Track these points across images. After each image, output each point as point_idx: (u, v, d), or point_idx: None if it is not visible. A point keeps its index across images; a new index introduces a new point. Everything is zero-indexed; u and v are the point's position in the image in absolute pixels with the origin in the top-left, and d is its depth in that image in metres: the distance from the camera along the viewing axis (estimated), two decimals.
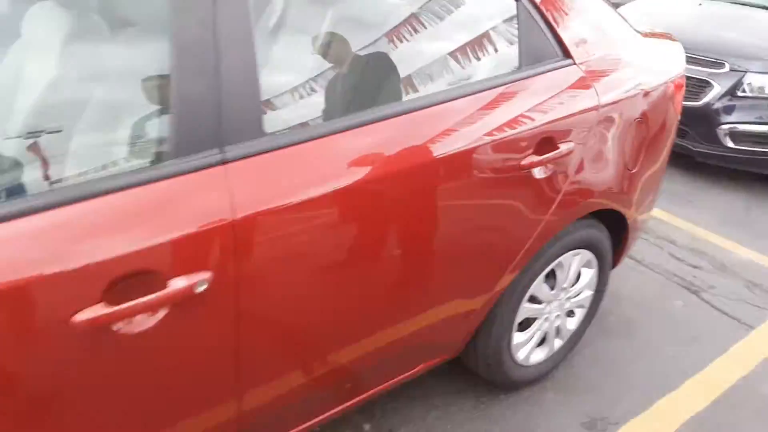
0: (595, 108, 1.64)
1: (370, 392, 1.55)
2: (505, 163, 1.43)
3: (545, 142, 1.51)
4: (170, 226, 0.98)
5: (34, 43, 1.04)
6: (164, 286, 0.97)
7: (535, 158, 1.48)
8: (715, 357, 2.24)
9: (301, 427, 1.41)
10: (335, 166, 1.17)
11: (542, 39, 1.57)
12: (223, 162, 1.04)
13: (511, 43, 1.53)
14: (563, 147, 1.55)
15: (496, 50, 1.53)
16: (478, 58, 1.50)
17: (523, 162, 1.47)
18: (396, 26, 1.41)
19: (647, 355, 2.22)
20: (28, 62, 1.02)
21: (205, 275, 1.01)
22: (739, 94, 3.48)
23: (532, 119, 1.48)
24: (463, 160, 1.35)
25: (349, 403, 1.51)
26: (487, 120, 1.40)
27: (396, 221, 1.30)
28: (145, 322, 0.98)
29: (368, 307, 1.37)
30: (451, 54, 1.46)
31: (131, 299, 0.94)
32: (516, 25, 1.53)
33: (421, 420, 1.86)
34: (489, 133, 1.38)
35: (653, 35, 2.08)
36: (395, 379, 1.61)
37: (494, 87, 1.45)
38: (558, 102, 1.55)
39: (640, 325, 2.38)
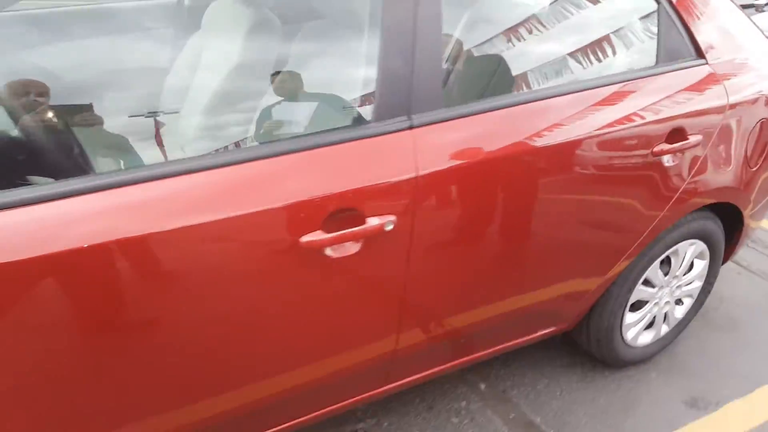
0: (724, 106, 1.75)
1: (498, 347, 1.74)
2: (639, 149, 1.58)
3: (676, 132, 1.64)
4: (370, 176, 1.21)
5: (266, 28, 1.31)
6: (363, 223, 1.21)
7: (667, 146, 1.62)
8: None
9: (441, 368, 1.63)
10: (493, 138, 1.37)
11: (679, 39, 1.70)
12: (411, 127, 1.27)
13: (651, 41, 1.68)
14: (693, 138, 1.67)
15: (637, 47, 1.68)
16: (621, 53, 1.65)
17: (655, 149, 1.61)
18: (550, 19, 1.59)
19: (749, 348, 2.27)
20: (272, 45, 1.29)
21: (392, 218, 1.24)
22: None
23: (667, 111, 1.61)
24: (604, 143, 1.51)
25: (481, 354, 1.71)
26: (627, 107, 1.55)
27: (539, 196, 1.48)
28: (347, 250, 1.22)
29: (505, 271, 1.56)
30: (601, 47, 1.63)
31: (340, 230, 1.18)
32: (656, 24, 1.67)
33: (531, 385, 2.03)
34: (629, 119, 1.54)
35: None
36: (518, 340, 1.79)
37: (635, 79, 1.60)
38: (690, 98, 1.68)
39: (744, 323, 2.43)
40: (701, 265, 2.07)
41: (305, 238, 1.15)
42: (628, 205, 1.67)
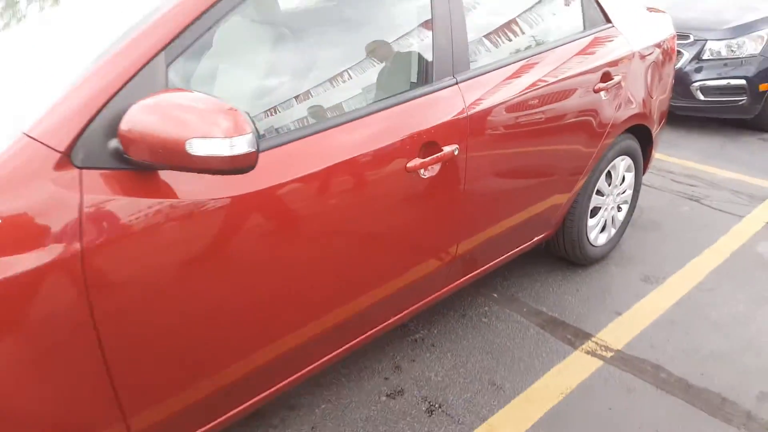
0: (631, 54, 2.46)
1: (512, 252, 2.31)
2: (582, 87, 2.23)
3: (606, 75, 2.32)
4: (440, 116, 1.73)
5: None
6: (440, 150, 1.72)
7: (602, 84, 2.29)
8: (721, 236, 3.06)
9: (476, 272, 2.16)
10: (505, 88, 1.94)
11: (595, 10, 2.39)
12: (456, 83, 1.81)
13: (578, 13, 2.35)
14: (616, 78, 2.36)
15: (564, 19, 2.34)
16: (562, 23, 2.30)
17: (595, 87, 2.27)
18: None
19: (672, 238, 3.03)
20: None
21: (456, 146, 1.76)
22: (703, 57, 4.41)
23: (599, 61, 2.28)
24: (554, 89, 2.12)
25: (500, 259, 2.26)
26: (576, 62, 2.20)
27: (533, 133, 2.07)
28: (433, 171, 1.72)
29: (520, 189, 2.14)
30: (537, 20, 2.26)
31: (429, 156, 1.69)
32: (580, 8, 2.34)
33: (530, 287, 2.62)
34: (578, 70, 2.18)
35: (654, 10, 2.92)
36: (524, 245, 2.37)
37: (574, 41, 2.25)
38: (610, 50, 2.37)
39: (663, 223, 3.20)
40: (630, 176, 2.79)
41: (409, 164, 1.65)
42: (583, 135, 2.31)
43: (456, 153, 1.76)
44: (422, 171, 1.69)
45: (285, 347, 1.57)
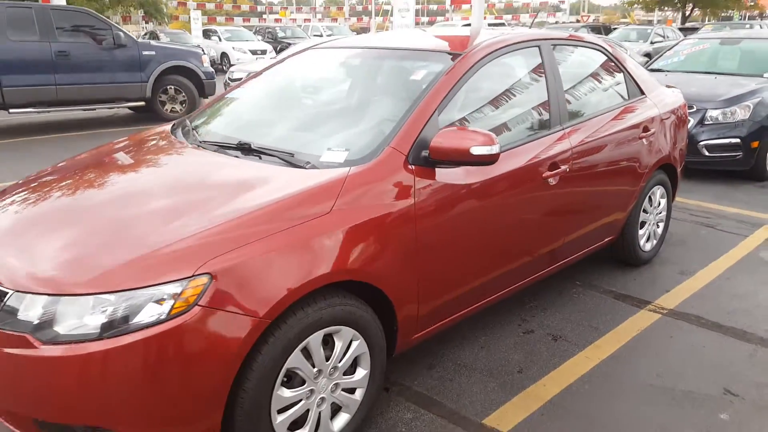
0: (659, 114, 3.67)
1: (591, 247, 3.39)
2: (634, 136, 3.41)
3: (646, 128, 3.52)
4: (559, 149, 2.87)
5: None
6: (559, 168, 2.86)
7: (645, 133, 3.48)
8: (732, 248, 4.15)
9: (573, 257, 3.24)
10: (589, 134, 3.10)
11: (634, 86, 3.62)
12: (562, 129, 2.98)
13: (622, 89, 3.57)
14: (653, 129, 3.55)
15: (617, 91, 3.56)
16: (611, 95, 3.52)
17: (639, 135, 3.45)
18: (582, 75, 3.40)
19: (697, 250, 4.12)
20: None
21: (567, 167, 2.90)
22: (706, 122, 5.67)
23: (641, 118, 3.49)
24: (619, 136, 3.30)
25: (585, 251, 3.35)
26: (630, 119, 3.40)
27: (610, 164, 3.22)
28: (555, 180, 2.85)
29: (595, 203, 3.25)
30: (605, 92, 3.47)
31: (554, 170, 2.83)
32: (625, 82, 3.58)
33: (602, 276, 3.68)
34: (632, 123, 3.38)
35: (670, 86, 4.18)
36: (599, 243, 3.46)
37: (623, 105, 3.47)
38: (647, 112, 3.58)
39: (688, 240, 4.30)
40: (664, 201, 3.93)
41: (545, 174, 2.79)
42: (633, 168, 3.47)
43: (567, 170, 2.90)
44: (550, 179, 2.83)
45: (500, 272, 2.68)
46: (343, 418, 2.18)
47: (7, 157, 7.26)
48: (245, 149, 2.47)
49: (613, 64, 3.56)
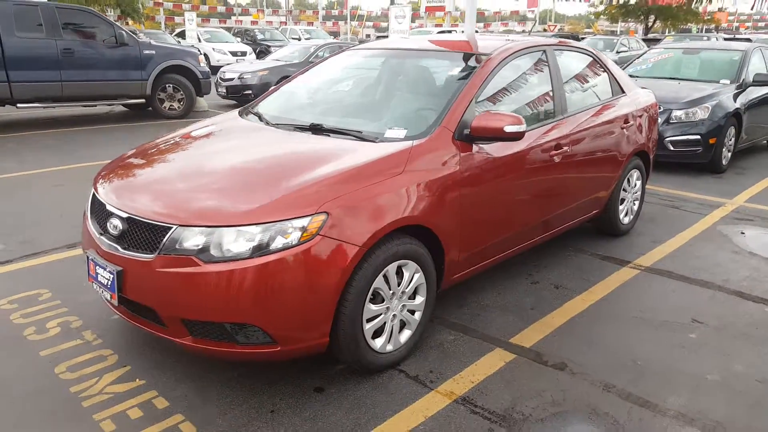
0: (637, 110, 4.42)
1: (579, 219, 4.10)
2: (617, 126, 4.14)
3: (626, 120, 4.26)
4: (562, 132, 3.57)
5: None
6: (562, 148, 3.57)
7: (625, 125, 4.22)
8: (695, 223, 4.95)
9: (568, 225, 3.95)
10: (583, 122, 3.81)
11: (616, 85, 4.37)
12: (564, 118, 3.68)
13: (608, 87, 4.31)
14: (632, 122, 4.30)
15: (603, 89, 4.30)
16: (599, 92, 4.25)
17: (621, 126, 4.19)
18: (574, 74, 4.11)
19: (666, 224, 4.89)
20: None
21: (567, 148, 3.61)
22: (671, 121, 6.50)
23: (622, 111, 4.22)
24: (605, 126, 4.02)
25: (574, 222, 4.06)
26: (613, 112, 4.13)
27: (598, 149, 3.94)
28: (559, 158, 3.55)
29: (585, 179, 3.96)
30: (594, 89, 4.20)
31: (558, 150, 3.53)
32: (609, 82, 4.32)
33: (590, 243, 4.40)
34: (614, 116, 4.11)
35: (643, 87, 4.94)
36: (585, 216, 4.16)
37: (609, 101, 4.20)
38: (627, 108, 4.32)
39: (658, 218, 5.07)
40: (639, 183, 4.68)
41: (551, 153, 3.48)
42: (615, 153, 4.19)
43: (567, 151, 3.61)
44: (555, 157, 3.53)
45: (515, 231, 3.35)
46: (406, 333, 2.81)
47: (19, 148, 7.66)
48: (318, 129, 3.09)
49: (599, 66, 4.30)
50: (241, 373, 2.68)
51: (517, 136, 2.90)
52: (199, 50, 11.26)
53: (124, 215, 2.50)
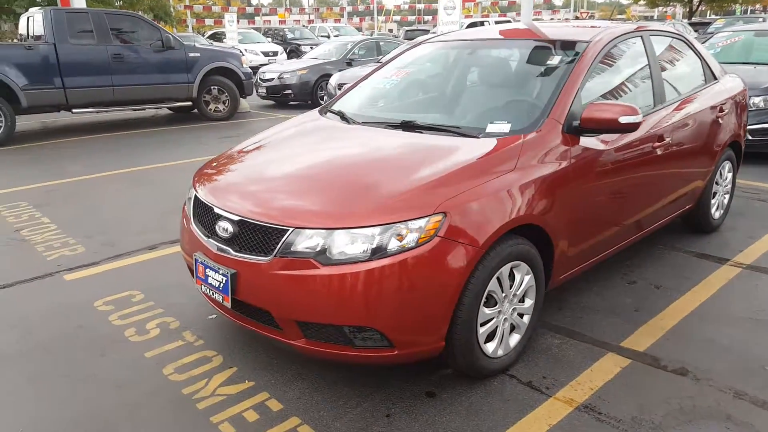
0: (729, 98, 4.19)
1: (675, 214, 3.90)
2: (714, 115, 3.93)
3: (721, 108, 4.03)
4: (661, 124, 3.39)
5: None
6: (664, 140, 3.39)
7: (720, 113, 4.00)
8: None
9: (663, 221, 3.76)
10: (683, 110, 3.61)
11: (709, 73, 4.14)
12: (663, 107, 3.50)
13: (700, 73, 4.09)
14: (726, 110, 4.07)
15: (697, 76, 4.08)
16: (694, 78, 4.04)
17: (717, 115, 3.97)
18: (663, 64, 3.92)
19: (757, 219, 4.64)
20: None
21: (669, 139, 3.42)
22: (749, 108, 6.18)
23: (716, 99, 4.00)
24: (703, 115, 3.81)
25: (674, 215, 3.87)
26: (709, 99, 3.91)
27: (696, 138, 3.74)
28: (661, 150, 3.38)
29: (683, 172, 3.77)
30: (690, 75, 3.99)
31: (660, 142, 3.35)
32: (702, 68, 4.10)
33: (683, 241, 4.20)
34: (710, 104, 3.90)
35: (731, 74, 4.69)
36: (680, 211, 3.96)
37: (705, 88, 3.98)
38: (721, 95, 4.10)
39: (746, 213, 4.82)
40: (730, 176, 4.44)
41: (654, 144, 3.30)
42: (712, 143, 3.98)
43: (669, 141, 3.42)
44: (658, 149, 3.35)
45: (617, 228, 3.20)
46: (515, 337, 2.70)
47: (79, 153, 7.82)
48: (409, 126, 2.99)
49: (692, 52, 4.08)
50: (345, 375, 2.62)
51: (632, 128, 2.75)
52: (241, 51, 11.31)
53: (236, 218, 2.45)
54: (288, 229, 2.29)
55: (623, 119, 2.70)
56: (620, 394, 2.50)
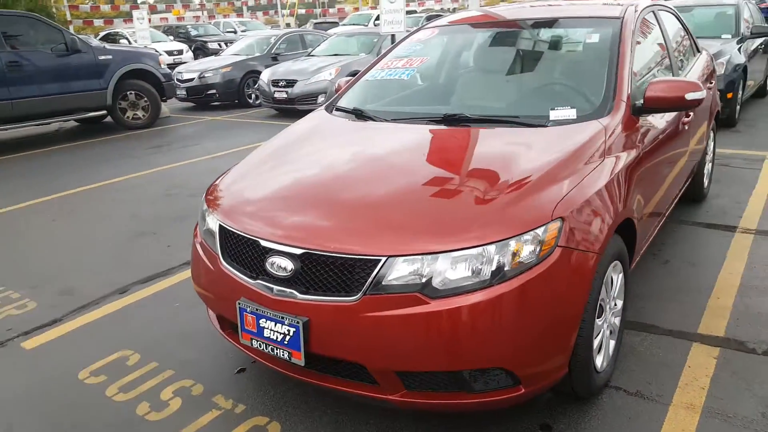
0: (713, 68, 4.21)
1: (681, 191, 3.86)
2: (710, 86, 3.90)
3: (710, 77, 4.03)
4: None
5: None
6: (689, 116, 3.26)
7: (710, 84, 3.99)
8: (756, 177, 4.84)
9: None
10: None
11: (694, 44, 4.13)
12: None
13: (689, 45, 4.07)
14: (713, 80, 4.08)
15: (689, 48, 4.05)
16: (690, 50, 4.00)
17: (709, 85, 3.96)
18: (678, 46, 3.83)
19: (734, 184, 4.76)
20: None
21: (692, 115, 3.32)
22: None
23: (709, 69, 3.99)
24: (707, 85, 3.77)
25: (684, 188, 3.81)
26: (705, 70, 3.88)
27: (702, 112, 3.67)
28: (686, 126, 3.25)
29: (694, 145, 3.72)
30: (688, 47, 3.94)
31: (686, 117, 3.22)
32: (690, 40, 4.07)
33: (684, 211, 4.18)
34: (707, 73, 3.87)
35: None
36: (684, 187, 3.92)
37: (697, 59, 3.95)
38: (709, 65, 4.10)
39: (720, 179, 4.94)
40: (712, 144, 4.50)
41: (683, 119, 3.17)
42: (708, 113, 3.95)
43: (691, 116, 3.32)
44: (684, 126, 3.23)
45: (667, 203, 3.06)
46: (611, 344, 2.44)
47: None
48: (453, 119, 2.62)
49: (680, 25, 4.04)
50: (440, 421, 2.22)
51: (696, 104, 2.57)
52: (156, 50, 10.24)
53: (298, 251, 1.95)
54: (380, 259, 1.83)
55: (690, 96, 2.52)
56: (732, 389, 2.31)
